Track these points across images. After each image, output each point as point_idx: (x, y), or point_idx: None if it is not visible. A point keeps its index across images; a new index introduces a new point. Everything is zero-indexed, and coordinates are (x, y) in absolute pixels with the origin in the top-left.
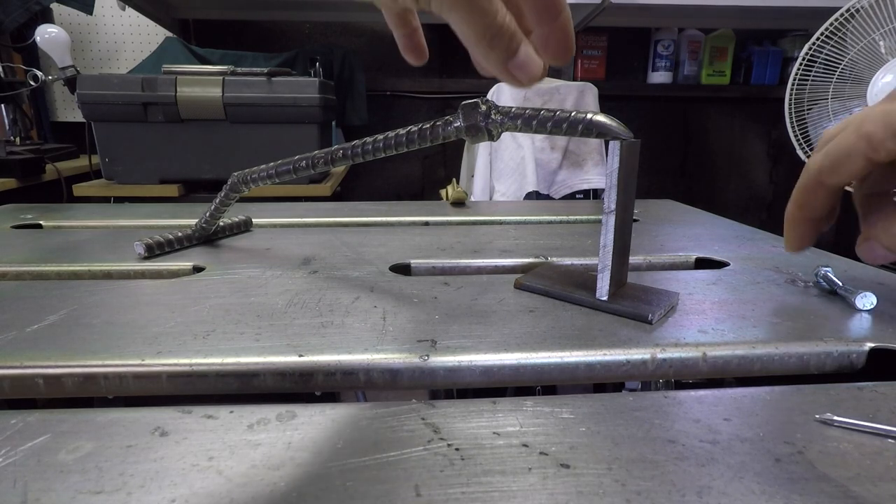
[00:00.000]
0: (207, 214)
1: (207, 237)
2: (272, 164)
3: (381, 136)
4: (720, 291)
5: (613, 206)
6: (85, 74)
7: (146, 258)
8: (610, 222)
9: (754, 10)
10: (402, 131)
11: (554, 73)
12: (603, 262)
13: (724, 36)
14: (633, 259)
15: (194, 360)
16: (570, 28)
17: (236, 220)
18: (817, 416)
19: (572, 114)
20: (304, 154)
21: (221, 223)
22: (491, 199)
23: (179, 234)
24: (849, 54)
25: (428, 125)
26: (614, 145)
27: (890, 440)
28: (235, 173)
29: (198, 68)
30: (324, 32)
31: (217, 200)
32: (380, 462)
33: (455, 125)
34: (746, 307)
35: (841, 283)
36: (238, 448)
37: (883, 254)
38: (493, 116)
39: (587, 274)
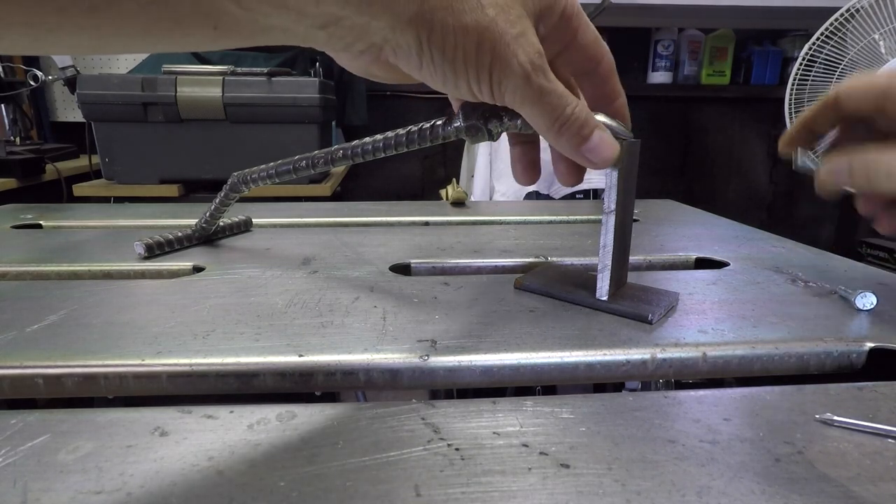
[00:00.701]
0: (207, 214)
1: (207, 237)
2: (272, 164)
3: (380, 136)
4: (720, 291)
5: (613, 206)
6: (85, 74)
7: (146, 258)
8: (610, 222)
9: (754, 10)
10: (402, 131)
11: None
12: (603, 262)
13: (724, 36)
14: (633, 259)
15: (194, 360)
16: (626, 111)
17: (236, 220)
18: (817, 416)
19: None
20: (304, 154)
21: (221, 223)
22: (491, 199)
23: (179, 234)
24: (849, 54)
25: (428, 125)
26: None
27: (890, 440)
28: (235, 173)
29: (198, 68)
30: None
31: (217, 200)
32: (380, 462)
33: (455, 125)
34: (746, 307)
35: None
36: (238, 448)
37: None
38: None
39: (587, 274)
